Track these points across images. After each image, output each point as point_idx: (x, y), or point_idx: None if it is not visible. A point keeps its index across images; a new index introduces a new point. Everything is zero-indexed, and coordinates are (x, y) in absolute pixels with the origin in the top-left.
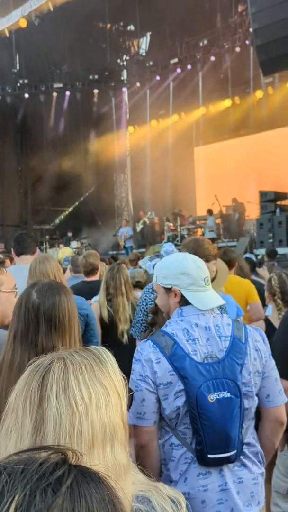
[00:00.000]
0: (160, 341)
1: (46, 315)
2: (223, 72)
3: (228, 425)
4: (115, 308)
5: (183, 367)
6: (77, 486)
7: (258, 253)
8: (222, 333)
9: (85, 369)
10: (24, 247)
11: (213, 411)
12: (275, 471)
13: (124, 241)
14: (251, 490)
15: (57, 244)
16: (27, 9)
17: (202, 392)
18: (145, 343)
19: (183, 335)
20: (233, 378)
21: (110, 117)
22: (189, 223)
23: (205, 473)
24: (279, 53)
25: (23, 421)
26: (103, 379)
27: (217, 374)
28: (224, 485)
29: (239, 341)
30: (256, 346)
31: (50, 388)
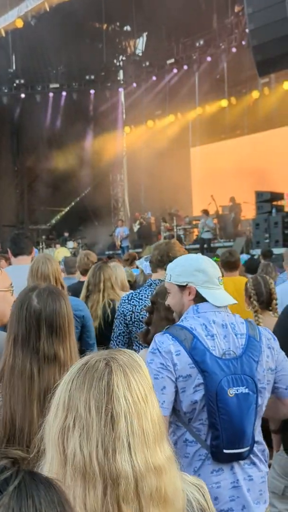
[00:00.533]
0: (179, 334)
1: (47, 321)
2: (219, 73)
3: (245, 420)
4: (90, 305)
5: (204, 361)
6: (24, 487)
7: (255, 253)
8: (237, 331)
9: (136, 370)
10: (21, 247)
11: (232, 406)
12: (271, 472)
13: (121, 241)
14: (259, 488)
15: (54, 244)
16: (23, 9)
17: (222, 386)
18: (163, 335)
19: (202, 330)
20: (251, 374)
21: (106, 117)
22: (185, 223)
23: (218, 470)
24: (275, 54)
25: (87, 420)
26: (146, 379)
27: (236, 370)
28: (236, 482)
29: (254, 339)
30: (269, 344)
31: (117, 387)
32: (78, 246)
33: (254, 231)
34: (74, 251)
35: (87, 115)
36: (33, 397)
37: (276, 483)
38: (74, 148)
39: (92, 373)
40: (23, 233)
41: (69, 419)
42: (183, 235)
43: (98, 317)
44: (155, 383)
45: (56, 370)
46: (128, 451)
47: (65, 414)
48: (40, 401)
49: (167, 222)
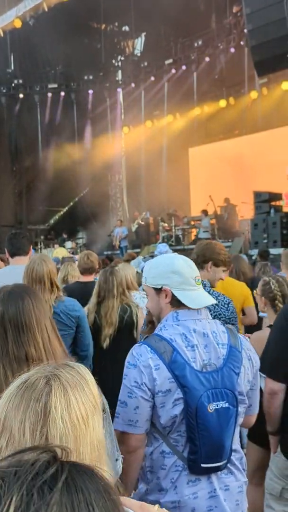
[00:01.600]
0: (158, 346)
1: (12, 321)
2: (217, 73)
3: (224, 435)
4: (104, 311)
5: (184, 376)
6: (72, 480)
7: (253, 253)
8: (219, 340)
9: (80, 387)
10: (17, 247)
11: (211, 422)
12: (268, 473)
13: (119, 241)
14: (236, 498)
15: (52, 244)
16: (22, 9)
17: (202, 402)
18: (141, 347)
19: (182, 341)
20: (231, 388)
21: (105, 118)
22: (184, 223)
23: (195, 480)
24: (273, 54)
25: (21, 442)
26: (90, 397)
27: (216, 384)
28: (213, 492)
29: (235, 350)
30: (249, 355)
31: (55, 409)
32: (77, 246)
33: (252, 231)
34: (73, 251)
35: (86, 115)
36: None
37: (274, 484)
38: (72, 148)
39: (30, 392)
40: (20, 233)
41: (2, 440)
42: (181, 235)
43: (112, 324)
44: (129, 402)
45: (30, 368)
46: None
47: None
48: None
49: (165, 222)
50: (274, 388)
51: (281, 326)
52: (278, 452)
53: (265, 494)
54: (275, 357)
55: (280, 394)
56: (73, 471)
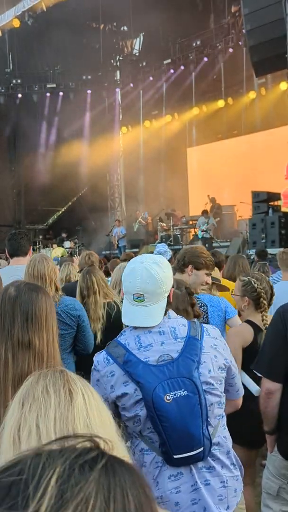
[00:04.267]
0: (114, 352)
1: (22, 307)
2: (216, 73)
3: (189, 423)
4: (87, 308)
5: (136, 372)
6: (111, 466)
7: (251, 253)
8: (178, 334)
9: (90, 393)
10: (16, 248)
11: (171, 411)
12: (265, 472)
13: (118, 241)
14: (219, 494)
15: (51, 244)
16: (20, 9)
17: (157, 393)
18: (100, 355)
19: (135, 344)
20: (189, 375)
21: (103, 118)
22: (182, 223)
23: (176, 475)
24: (272, 54)
25: (45, 399)
26: (97, 398)
27: (172, 374)
28: (195, 484)
29: (194, 339)
30: (215, 343)
31: (74, 382)
32: (75, 246)
33: (250, 231)
34: (71, 251)
35: (84, 115)
36: (7, 383)
37: (271, 483)
38: (71, 148)
39: (46, 373)
40: (20, 232)
41: (25, 407)
42: (179, 235)
43: (100, 318)
44: None
45: (30, 357)
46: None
47: (21, 407)
48: (15, 387)
49: (164, 222)
50: (271, 388)
51: (278, 327)
52: (274, 451)
53: (262, 493)
54: (271, 357)
55: (276, 394)
56: (112, 459)
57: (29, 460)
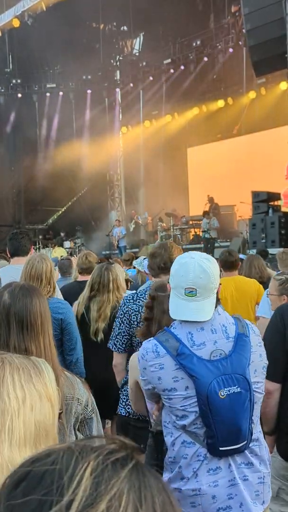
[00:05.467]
0: (166, 343)
1: (17, 316)
2: (216, 73)
3: (239, 419)
4: (98, 305)
5: (191, 366)
6: (140, 467)
7: (251, 253)
8: (229, 334)
9: (22, 372)
10: (16, 248)
11: (224, 407)
12: None
13: (118, 241)
14: (256, 489)
15: (50, 244)
16: (20, 9)
17: (212, 389)
18: (149, 342)
19: (187, 341)
20: (242, 372)
21: (103, 118)
22: (182, 223)
23: (215, 469)
24: (271, 54)
25: None
26: (38, 385)
27: (226, 370)
28: (233, 480)
29: (243, 336)
30: (259, 340)
31: None
32: (75, 246)
33: (250, 231)
34: (71, 251)
35: (84, 115)
36: None
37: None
38: (71, 148)
39: None
40: (21, 232)
41: None
42: (179, 235)
43: (106, 318)
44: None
45: None
46: None
47: None
48: None
49: (164, 222)
50: (270, 388)
51: (277, 326)
52: (274, 452)
53: None
54: (271, 357)
55: (275, 394)
56: (140, 463)
57: (61, 452)
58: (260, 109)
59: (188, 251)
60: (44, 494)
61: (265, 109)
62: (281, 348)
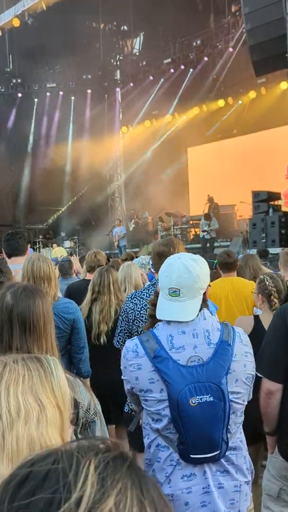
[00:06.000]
0: (146, 343)
1: (20, 317)
2: (216, 72)
3: (211, 428)
4: (100, 307)
5: (165, 370)
6: (135, 464)
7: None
8: (211, 340)
9: (22, 381)
10: (14, 248)
11: (194, 415)
12: (266, 474)
13: (118, 240)
14: (231, 497)
15: (50, 243)
16: (20, 8)
17: (183, 395)
18: (131, 343)
19: (167, 343)
20: (217, 381)
21: (103, 117)
22: (182, 223)
23: (189, 475)
24: (272, 54)
25: None
26: (41, 393)
27: (200, 377)
28: (207, 488)
29: (226, 344)
30: (246, 350)
31: None
32: (75, 246)
33: (251, 230)
34: (71, 251)
35: (84, 114)
36: None
37: (271, 485)
38: (71, 148)
39: None
40: (17, 232)
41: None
42: (180, 234)
43: (111, 318)
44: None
45: None
46: None
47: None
48: None
49: (164, 221)
50: (271, 389)
51: (278, 326)
52: (275, 453)
53: (263, 494)
54: (272, 357)
55: (277, 394)
56: (133, 458)
57: (60, 452)
58: (260, 109)
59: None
60: (52, 492)
61: (265, 109)
62: (282, 348)
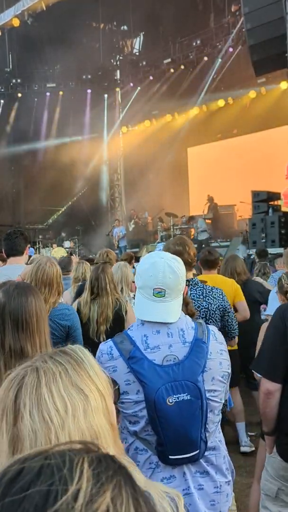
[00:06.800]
0: (120, 345)
1: (12, 315)
2: (216, 72)
3: (189, 427)
4: (101, 309)
5: (141, 371)
6: (122, 464)
7: (251, 253)
8: (186, 338)
9: (60, 377)
10: (11, 248)
11: (172, 415)
12: (264, 474)
13: (118, 241)
14: (211, 499)
15: (50, 244)
16: (20, 8)
17: (160, 395)
18: (106, 344)
19: (141, 344)
20: (193, 379)
21: (103, 117)
22: (182, 223)
23: (169, 478)
24: (272, 53)
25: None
26: (80, 383)
27: (176, 376)
28: (187, 489)
29: (200, 342)
30: (221, 348)
31: (24, 406)
32: (75, 246)
33: (250, 230)
34: (71, 251)
35: (84, 114)
36: None
37: (270, 485)
38: (71, 148)
39: (8, 391)
40: (15, 232)
41: None
42: (179, 234)
43: (108, 321)
44: None
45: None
46: None
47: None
48: None
49: (164, 221)
50: (270, 388)
51: (277, 326)
52: (274, 453)
53: (261, 494)
54: (271, 357)
55: (276, 394)
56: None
57: (50, 450)
58: (260, 109)
59: None
60: (48, 485)
61: (265, 109)
62: (281, 348)
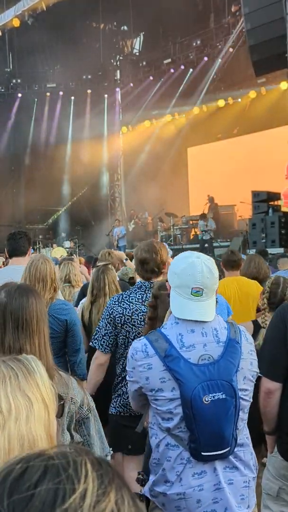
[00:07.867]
0: (156, 343)
1: (13, 314)
2: (216, 73)
3: (223, 425)
4: (96, 310)
5: (177, 369)
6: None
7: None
8: (220, 338)
9: (9, 380)
10: (14, 248)
11: (207, 413)
12: (265, 473)
13: (118, 240)
14: (241, 493)
15: (50, 244)
16: (20, 8)
17: (196, 394)
18: (139, 343)
19: (177, 342)
20: (228, 379)
21: (103, 117)
22: (182, 223)
23: (200, 473)
24: (272, 54)
25: None
26: (28, 390)
27: (212, 375)
28: (218, 484)
29: (234, 342)
30: (251, 349)
31: None
32: (75, 246)
33: (250, 231)
34: (71, 251)
35: (84, 114)
36: None
37: (271, 484)
38: (71, 148)
39: None
40: (19, 232)
41: None
42: (179, 234)
43: None
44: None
45: None
46: None
47: None
48: None
49: (164, 221)
50: (270, 388)
51: (277, 326)
52: (274, 452)
53: (262, 494)
54: (271, 357)
55: (276, 394)
56: None
57: (52, 451)
58: (260, 109)
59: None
60: (56, 483)
61: (265, 109)
62: (281, 348)
